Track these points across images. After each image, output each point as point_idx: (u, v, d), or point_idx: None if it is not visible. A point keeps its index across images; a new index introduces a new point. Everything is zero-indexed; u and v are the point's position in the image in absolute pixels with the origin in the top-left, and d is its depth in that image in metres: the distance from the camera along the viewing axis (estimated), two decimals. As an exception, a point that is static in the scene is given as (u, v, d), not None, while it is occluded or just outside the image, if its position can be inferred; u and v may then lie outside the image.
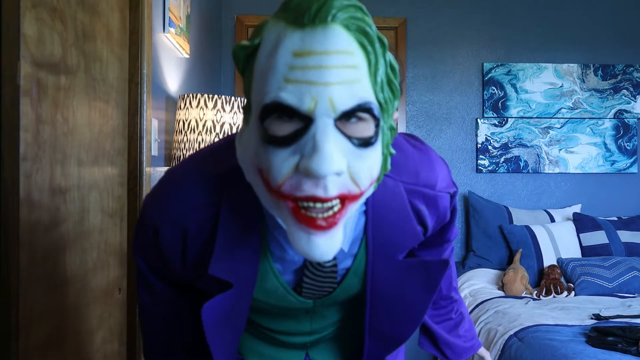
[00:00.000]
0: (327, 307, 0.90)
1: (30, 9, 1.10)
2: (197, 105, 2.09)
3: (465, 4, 3.39)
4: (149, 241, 0.81)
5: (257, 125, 0.64)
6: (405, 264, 0.83)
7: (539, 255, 3.00)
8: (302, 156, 0.61)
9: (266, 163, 0.63)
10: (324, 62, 0.59)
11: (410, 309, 0.85)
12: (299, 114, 0.61)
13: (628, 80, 3.42)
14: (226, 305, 0.79)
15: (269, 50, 0.63)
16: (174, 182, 0.79)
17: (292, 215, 0.63)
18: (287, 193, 0.63)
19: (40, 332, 1.17)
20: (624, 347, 1.87)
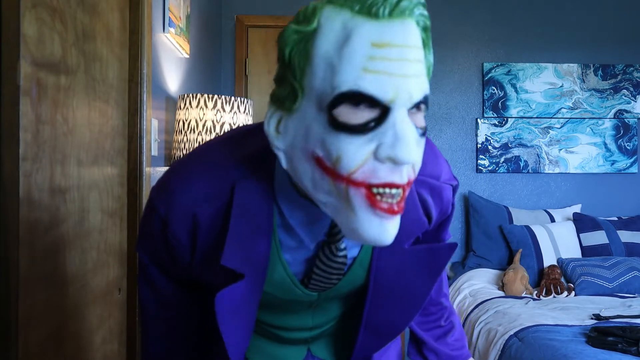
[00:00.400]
0: (329, 301, 0.90)
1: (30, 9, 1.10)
2: (197, 105, 2.09)
3: (465, 4, 3.39)
4: (157, 235, 0.80)
5: (322, 113, 0.64)
6: (411, 251, 0.83)
7: (539, 255, 3.00)
8: (381, 144, 0.62)
9: (335, 150, 0.63)
10: (405, 55, 0.62)
11: (412, 297, 0.86)
12: (378, 104, 0.62)
13: (628, 80, 3.42)
14: (238, 296, 0.77)
15: (337, 39, 0.63)
16: (183, 173, 0.78)
17: (367, 201, 0.63)
18: (360, 180, 0.63)
19: (40, 332, 1.17)
20: (624, 347, 1.87)
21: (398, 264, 0.83)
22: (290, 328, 0.94)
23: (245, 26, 3.34)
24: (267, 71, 3.36)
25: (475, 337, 2.44)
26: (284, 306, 0.89)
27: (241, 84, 3.33)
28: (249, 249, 0.76)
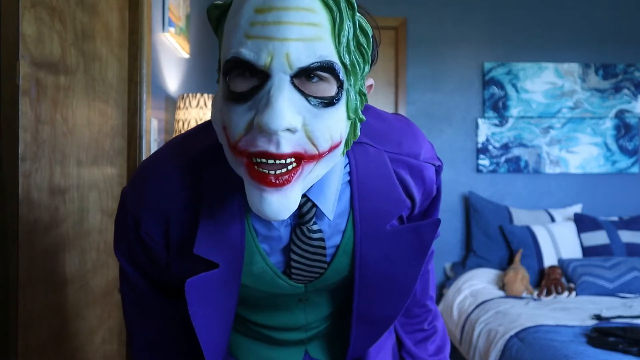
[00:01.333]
0: (319, 295, 0.87)
1: (30, 9, 1.10)
2: (196, 105, 2.09)
3: (465, 4, 3.39)
4: (130, 234, 0.79)
5: (222, 83, 0.65)
6: (394, 232, 0.79)
7: (539, 256, 3.00)
8: (257, 112, 0.61)
9: (227, 119, 0.64)
10: (283, 17, 0.59)
11: (400, 283, 0.82)
12: (257, 70, 0.61)
13: (629, 79, 3.42)
14: (213, 286, 0.75)
15: (235, 8, 0.63)
16: (150, 171, 0.77)
17: (246, 171, 0.63)
18: (242, 149, 0.63)
19: (40, 332, 1.17)
20: (624, 348, 1.87)
21: (382, 248, 0.79)
22: (283, 328, 0.91)
23: (246, 26, 3.34)
24: (268, 71, 3.36)
25: (475, 338, 2.44)
26: (273, 302, 0.86)
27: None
28: (222, 236, 0.74)
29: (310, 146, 0.63)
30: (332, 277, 0.83)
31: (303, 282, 0.82)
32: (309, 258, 0.79)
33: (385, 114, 0.86)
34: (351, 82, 0.65)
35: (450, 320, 2.87)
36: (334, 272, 0.82)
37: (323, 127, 0.63)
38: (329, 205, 0.76)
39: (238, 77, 0.62)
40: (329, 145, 0.64)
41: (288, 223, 0.77)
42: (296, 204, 0.64)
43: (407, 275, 0.82)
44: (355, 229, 0.79)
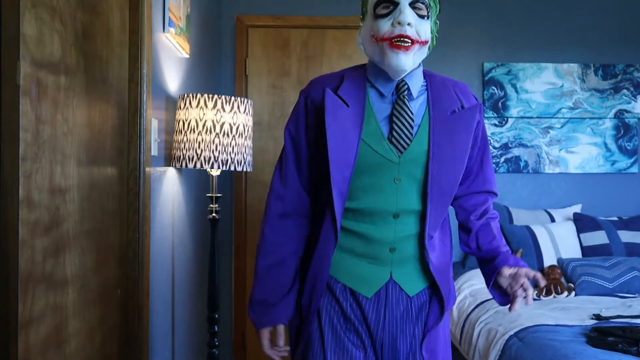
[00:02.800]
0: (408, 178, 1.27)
1: (30, 9, 1.10)
2: (197, 105, 2.09)
3: (465, 4, 3.39)
4: (300, 107, 1.34)
5: (371, 14, 1.25)
6: (453, 116, 1.29)
7: (539, 256, 3.00)
8: (394, 18, 1.21)
9: (376, 27, 1.23)
10: None
11: (457, 154, 1.28)
12: (393, 2, 1.22)
13: (628, 80, 3.42)
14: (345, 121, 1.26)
15: None
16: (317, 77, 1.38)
17: (390, 45, 1.21)
18: (387, 37, 1.21)
19: (40, 332, 1.17)
20: (624, 348, 1.87)
21: (446, 127, 1.28)
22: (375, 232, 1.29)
23: (245, 26, 3.34)
24: (267, 71, 3.36)
25: (475, 337, 2.44)
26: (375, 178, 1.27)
27: (241, 84, 3.33)
28: (353, 95, 1.29)
29: (416, 35, 1.22)
30: (416, 149, 1.27)
31: (398, 149, 1.26)
32: (403, 125, 1.27)
33: None
34: (432, 12, 1.28)
35: (450, 320, 2.88)
36: (417, 144, 1.27)
37: (422, 28, 1.23)
38: (414, 90, 1.30)
39: (380, 9, 1.23)
40: (424, 38, 1.24)
41: (391, 100, 1.29)
42: (410, 65, 1.23)
43: (461, 147, 1.28)
44: (430, 114, 1.29)
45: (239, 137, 2.14)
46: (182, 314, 2.40)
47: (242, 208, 3.33)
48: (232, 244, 3.34)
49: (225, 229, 3.32)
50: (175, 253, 2.26)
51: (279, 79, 3.36)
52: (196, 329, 2.68)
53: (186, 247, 2.46)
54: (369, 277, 1.30)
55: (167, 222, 2.14)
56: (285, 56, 3.36)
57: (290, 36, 3.36)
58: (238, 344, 3.35)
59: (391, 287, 1.30)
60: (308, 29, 3.36)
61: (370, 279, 1.30)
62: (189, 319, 2.53)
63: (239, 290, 3.34)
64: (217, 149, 2.09)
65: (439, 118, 1.28)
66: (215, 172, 2.29)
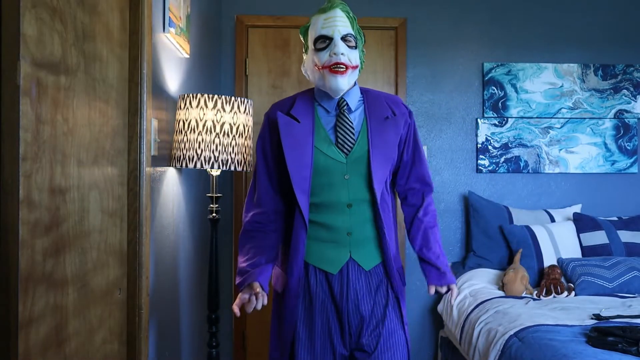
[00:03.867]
0: (355, 174, 1.59)
1: (30, 9, 1.10)
2: (197, 105, 2.09)
3: (465, 4, 3.39)
4: (265, 125, 1.67)
5: (312, 49, 1.59)
6: (386, 120, 1.63)
7: (539, 255, 3.00)
8: (331, 50, 1.55)
9: (317, 58, 1.57)
10: (335, 20, 1.56)
11: (388, 149, 1.61)
12: (328, 38, 1.55)
13: (628, 80, 3.42)
14: (297, 133, 1.59)
15: (313, 23, 1.59)
16: (276, 102, 1.71)
17: (329, 71, 1.55)
18: (327, 65, 1.55)
19: (40, 332, 1.17)
20: (624, 347, 1.87)
21: (380, 130, 1.61)
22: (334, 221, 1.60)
23: (245, 26, 3.34)
24: (267, 71, 3.37)
25: (475, 337, 2.44)
26: (328, 177, 1.59)
27: (241, 84, 3.33)
28: (304, 113, 1.62)
29: (348, 62, 1.56)
30: (359, 150, 1.59)
31: (344, 151, 1.59)
32: (346, 132, 1.60)
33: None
34: (359, 43, 1.62)
35: (450, 320, 2.87)
36: (359, 147, 1.60)
37: (352, 55, 1.57)
38: (352, 104, 1.63)
39: (319, 43, 1.57)
40: (355, 64, 1.58)
41: (334, 114, 1.63)
42: (346, 85, 1.57)
43: (391, 146, 1.62)
44: (367, 121, 1.63)
45: (239, 137, 2.14)
46: (182, 314, 2.40)
47: (242, 208, 3.33)
48: (232, 244, 3.34)
49: (225, 229, 3.32)
50: (175, 253, 2.26)
51: (279, 79, 3.36)
52: (196, 329, 2.68)
53: (186, 247, 2.46)
54: (332, 258, 1.61)
55: (167, 222, 2.14)
56: (285, 56, 3.36)
57: (290, 36, 3.36)
58: (238, 344, 3.35)
59: (351, 265, 1.61)
60: (308, 29, 3.36)
61: (333, 259, 1.61)
62: (189, 319, 2.53)
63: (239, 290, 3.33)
64: (217, 149, 2.09)
65: (374, 124, 1.62)
66: (215, 172, 2.29)
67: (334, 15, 1.56)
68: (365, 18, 3.35)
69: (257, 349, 3.39)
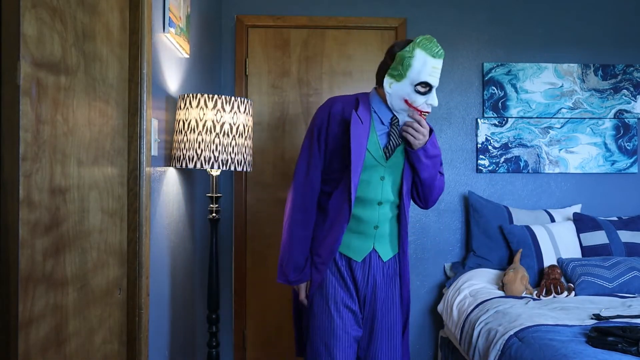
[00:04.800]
0: (391, 175, 1.89)
1: (30, 9, 1.10)
2: (197, 105, 2.09)
3: (465, 4, 3.39)
4: (325, 113, 1.89)
5: (411, 86, 1.79)
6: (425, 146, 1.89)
7: (539, 255, 3.00)
8: (428, 100, 1.82)
9: (413, 99, 1.81)
10: (439, 70, 1.82)
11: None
12: (430, 85, 1.80)
13: (628, 80, 3.42)
14: (359, 131, 1.82)
15: (422, 62, 1.78)
16: (338, 96, 1.96)
17: (419, 115, 1.83)
18: (419, 109, 1.82)
19: (40, 332, 1.17)
20: (624, 347, 1.87)
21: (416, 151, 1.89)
22: (365, 215, 1.89)
23: (245, 26, 3.34)
24: (267, 71, 3.37)
25: (475, 337, 2.44)
26: (370, 175, 1.86)
27: (241, 84, 3.33)
28: (364, 116, 1.86)
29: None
30: (397, 159, 1.89)
31: (386, 156, 1.87)
32: (393, 142, 1.87)
33: None
34: None
35: (450, 320, 2.87)
36: (398, 156, 1.89)
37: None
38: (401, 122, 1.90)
39: (421, 86, 1.79)
40: None
41: (387, 125, 1.88)
42: None
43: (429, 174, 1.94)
44: None
45: (239, 137, 2.14)
46: (183, 314, 2.40)
47: (242, 208, 3.33)
48: (232, 244, 3.34)
49: (225, 229, 3.32)
50: (175, 253, 2.26)
51: (279, 79, 3.36)
52: (196, 329, 2.68)
53: (186, 247, 2.46)
54: (359, 247, 1.90)
55: (167, 222, 2.14)
56: (285, 56, 3.36)
57: (290, 36, 3.36)
58: (238, 344, 3.35)
59: (373, 255, 1.92)
60: (308, 29, 3.36)
61: (360, 248, 1.90)
62: (189, 319, 2.53)
63: (239, 290, 3.34)
64: (217, 149, 2.09)
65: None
66: (215, 172, 2.29)
67: (440, 65, 1.79)
68: (365, 18, 3.35)
69: (257, 349, 3.39)
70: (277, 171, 3.36)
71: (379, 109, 1.88)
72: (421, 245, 3.39)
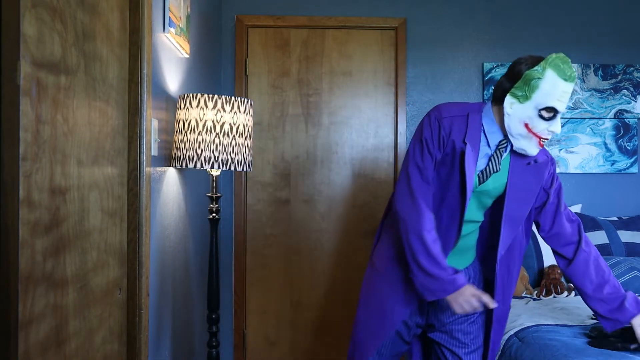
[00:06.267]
0: (482, 197, 1.78)
1: (30, 9, 1.10)
2: (197, 105, 2.09)
3: (465, 4, 3.39)
4: (434, 127, 1.73)
5: (535, 110, 1.64)
6: (528, 166, 1.78)
7: (539, 255, 3.00)
8: (550, 127, 1.65)
9: (535, 124, 1.65)
10: (568, 96, 1.63)
11: (527, 194, 1.78)
12: (556, 111, 1.63)
13: (628, 80, 3.42)
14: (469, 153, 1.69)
15: (551, 84, 1.62)
16: (449, 106, 1.77)
17: (538, 143, 1.68)
18: (539, 135, 1.66)
19: (40, 332, 1.17)
20: (623, 346, 1.87)
21: (521, 173, 1.77)
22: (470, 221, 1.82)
23: (245, 26, 3.34)
24: (267, 71, 3.37)
25: (475, 337, 2.44)
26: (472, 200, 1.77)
27: (241, 84, 3.33)
28: (473, 139, 1.71)
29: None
30: (491, 185, 1.76)
31: (480, 181, 1.75)
32: (491, 168, 1.74)
33: None
34: None
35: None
36: (495, 180, 1.76)
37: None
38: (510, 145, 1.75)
39: (546, 111, 1.63)
40: None
41: (492, 149, 1.75)
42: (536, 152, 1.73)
43: (531, 190, 1.79)
44: (511, 162, 1.77)
45: (239, 137, 2.14)
46: (182, 314, 2.40)
47: (242, 208, 3.33)
48: (232, 244, 3.34)
49: (225, 229, 3.32)
50: (175, 253, 2.26)
51: (279, 79, 3.36)
52: (196, 329, 2.68)
53: (186, 247, 2.46)
54: (462, 259, 1.88)
55: (167, 222, 2.14)
56: (285, 56, 3.36)
57: (290, 36, 3.37)
58: (238, 344, 3.35)
59: (471, 266, 1.92)
60: (308, 29, 3.36)
61: (463, 260, 1.88)
62: (189, 319, 2.53)
63: (239, 290, 3.34)
64: (217, 149, 2.09)
65: (517, 167, 1.77)
66: (215, 172, 2.29)
67: (570, 90, 1.62)
68: (365, 18, 3.35)
69: (257, 349, 3.39)
70: (277, 171, 3.36)
71: (490, 130, 1.72)
72: (421, 245, 3.38)
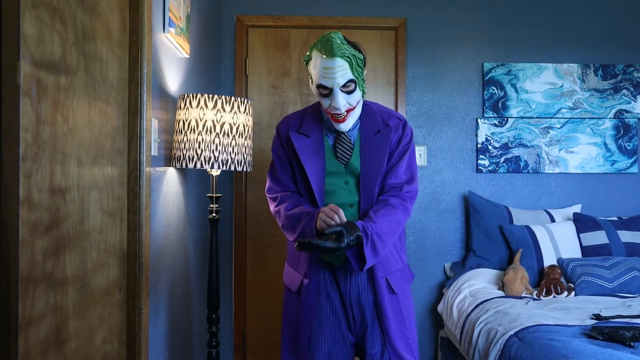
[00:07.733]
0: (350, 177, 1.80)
1: (30, 9, 1.10)
2: (197, 105, 2.09)
3: (465, 4, 3.39)
4: (277, 139, 1.86)
5: (316, 89, 1.72)
6: (376, 135, 1.81)
7: (539, 255, 3.00)
8: (331, 102, 1.71)
9: (323, 103, 1.73)
10: (333, 71, 1.67)
11: (377, 164, 1.79)
12: (328, 89, 1.69)
13: (628, 80, 3.42)
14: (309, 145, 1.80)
15: (314, 62, 1.70)
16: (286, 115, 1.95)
17: (332, 118, 1.75)
18: (329, 112, 1.74)
19: (40, 332, 1.17)
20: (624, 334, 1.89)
21: (371, 142, 1.81)
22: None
23: (245, 26, 3.34)
24: (267, 71, 3.37)
25: (475, 337, 2.44)
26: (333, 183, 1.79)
27: (241, 84, 3.33)
28: (313, 129, 1.83)
29: (348, 106, 1.72)
30: (354, 163, 1.79)
31: (343, 163, 1.79)
32: (343, 149, 1.80)
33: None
34: (359, 80, 1.72)
35: (450, 320, 2.87)
36: (354, 160, 1.79)
37: (352, 99, 1.71)
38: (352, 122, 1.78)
39: (320, 89, 1.71)
40: (355, 104, 1.73)
41: (334, 134, 1.82)
42: (349, 126, 1.76)
43: (380, 158, 1.79)
44: (361, 132, 1.82)
45: (239, 137, 2.14)
46: (182, 314, 2.40)
47: (242, 208, 3.33)
48: (232, 244, 3.34)
49: (225, 229, 3.32)
50: (175, 253, 2.26)
51: (279, 79, 3.36)
52: (196, 329, 2.68)
53: (186, 247, 2.46)
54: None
55: (167, 222, 2.14)
56: (285, 56, 3.36)
57: (290, 36, 3.36)
58: (238, 344, 3.35)
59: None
60: (308, 29, 3.36)
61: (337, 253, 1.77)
62: (189, 319, 2.53)
63: (239, 290, 3.34)
64: (217, 149, 2.09)
65: (366, 139, 1.81)
66: (215, 172, 2.29)
67: (333, 65, 1.63)
68: (365, 18, 3.35)
69: (257, 349, 3.38)
70: (277, 171, 3.36)
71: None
72: (421, 245, 3.39)
